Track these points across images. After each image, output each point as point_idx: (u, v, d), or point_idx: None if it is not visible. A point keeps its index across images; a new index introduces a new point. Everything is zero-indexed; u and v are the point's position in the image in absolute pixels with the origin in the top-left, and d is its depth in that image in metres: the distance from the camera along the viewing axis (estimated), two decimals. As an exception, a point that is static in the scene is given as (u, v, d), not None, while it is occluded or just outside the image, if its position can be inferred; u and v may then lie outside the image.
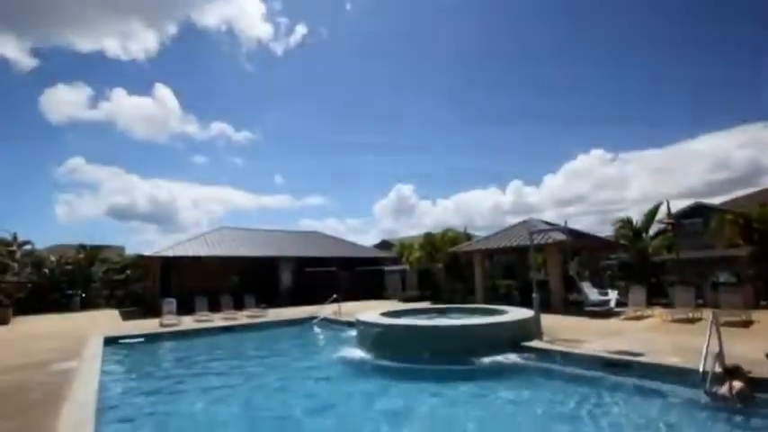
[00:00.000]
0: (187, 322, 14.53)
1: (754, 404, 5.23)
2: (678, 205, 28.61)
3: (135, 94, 56.56)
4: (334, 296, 16.06)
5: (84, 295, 26.52)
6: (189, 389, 7.55)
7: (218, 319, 15.30)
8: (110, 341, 11.24)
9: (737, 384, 5.39)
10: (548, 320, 10.68)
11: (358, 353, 9.41)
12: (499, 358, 8.07)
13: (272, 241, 26.40)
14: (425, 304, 17.96)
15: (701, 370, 5.75)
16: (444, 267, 22.38)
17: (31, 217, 53.73)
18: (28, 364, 8.27)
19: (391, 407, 6.49)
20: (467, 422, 5.61)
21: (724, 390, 5.47)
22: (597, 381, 6.77)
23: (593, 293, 14.84)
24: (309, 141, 64.48)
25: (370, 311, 11.37)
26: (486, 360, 7.99)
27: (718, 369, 5.78)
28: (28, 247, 27.12)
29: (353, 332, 10.85)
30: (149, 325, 14.08)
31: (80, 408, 5.27)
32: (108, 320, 16.91)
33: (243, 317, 15.94)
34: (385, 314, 10.87)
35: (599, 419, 5.45)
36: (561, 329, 10.25)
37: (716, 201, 30.38)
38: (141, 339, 12.12)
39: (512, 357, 8.16)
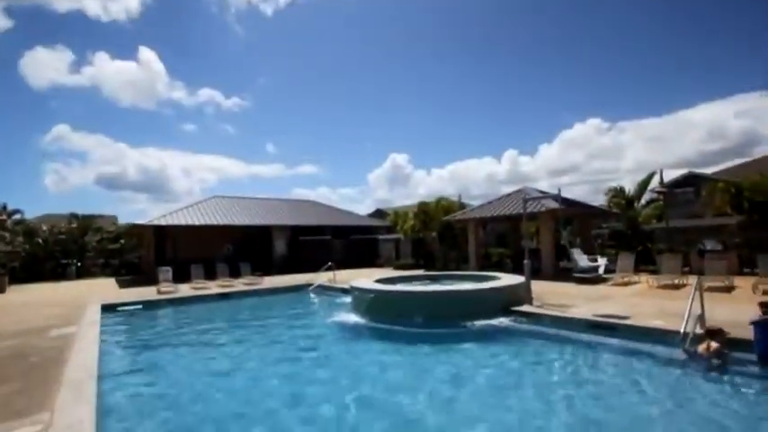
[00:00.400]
0: (184, 290, 14.71)
1: (728, 363, 5.50)
2: (671, 175, 28.82)
3: (118, 58, 54.31)
4: (329, 264, 16.26)
5: (79, 264, 26.59)
6: (189, 352, 7.76)
7: (214, 287, 15.50)
8: (108, 308, 11.39)
9: (714, 344, 5.65)
10: (538, 286, 10.95)
11: (353, 317, 9.68)
12: (490, 322, 8.34)
13: (266, 210, 26.32)
14: (419, 272, 18.27)
15: (682, 331, 6.00)
16: (438, 236, 22.60)
17: (19, 187, 52.95)
18: (27, 330, 8.39)
19: (384, 363, 6.83)
20: (456, 377, 5.88)
21: (701, 349, 5.73)
22: (583, 342, 7.06)
23: (582, 260, 15.17)
24: (301, 108, 63.04)
25: (365, 278, 11.57)
26: (478, 323, 8.27)
27: (699, 331, 6.04)
28: (18, 216, 26.84)
29: (348, 298, 11.07)
30: (147, 292, 14.23)
31: (82, 369, 5.40)
32: (105, 289, 17.04)
33: (239, 284, 16.15)
34: (379, 280, 11.08)
35: (583, 374, 5.77)
36: (551, 295, 10.54)
37: (709, 171, 30.59)
38: (140, 306, 12.27)
39: (503, 321, 8.44)
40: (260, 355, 7.78)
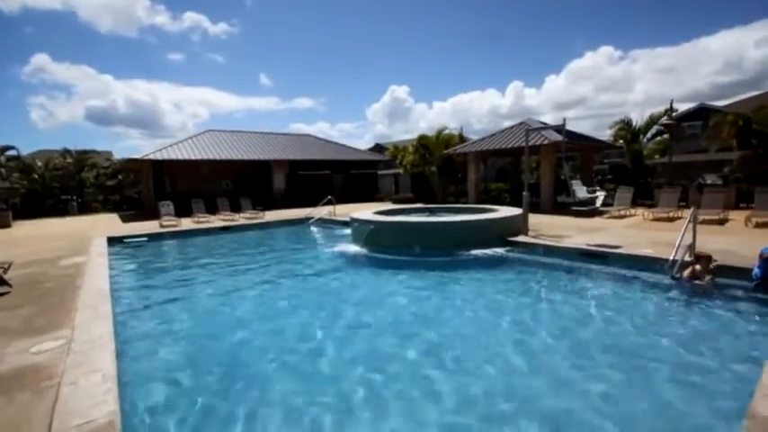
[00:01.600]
0: (186, 223, 14.94)
1: (713, 287, 5.77)
2: (682, 109, 27.84)
3: (90, -24, 49.13)
4: (329, 198, 16.37)
5: (80, 200, 26.74)
6: (198, 278, 8.08)
7: (216, 221, 15.75)
8: (114, 241, 11.65)
9: (699, 269, 5.90)
10: (535, 219, 11.13)
11: (353, 248, 9.97)
12: (486, 251, 8.61)
13: (264, 144, 25.80)
14: (418, 206, 18.44)
15: (671, 258, 6.22)
16: (438, 170, 22.45)
17: (6, 123, 51.15)
18: (38, 261, 8.66)
19: (383, 285, 7.24)
20: (450, 299, 6.23)
21: (687, 274, 5.99)
22: (575, 269, 7.35)
23: (581, 191, 15.25)
24: (294, 36, 58.75)
25: (365, 210, 11.71)
26: (474, 252, 8.55)
27: (688, 258, 6.25)
28: (12, 152, 26.36)
29: (348, 231, 11.30)
30: (149, 226, 14.47)
31: (96, 293, 5.67)
32: (108, 223, 17.30)
33: (241, 218, 16.39)
34: (378, 212, 11.22)
35: (570, 299, 6.08)
36: (547, 226, 10.76)
37: (720, 104, 29.48)
38: (145, 239, 12.55)
39: (498, 251, 8.70)
40: (261, 276, 8.14)
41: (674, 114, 19.38)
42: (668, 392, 3.43)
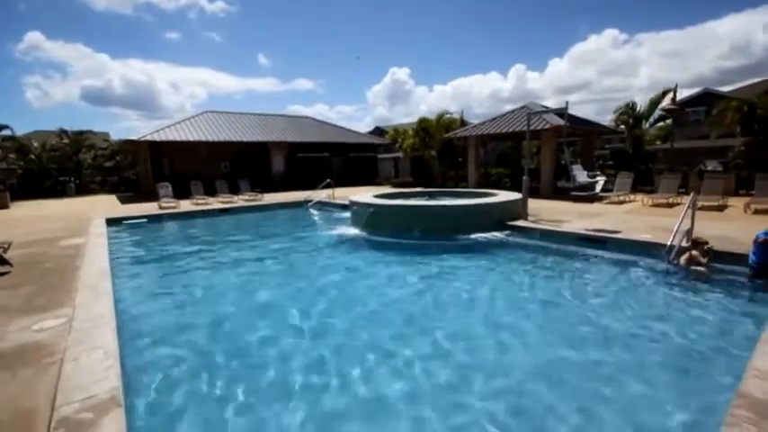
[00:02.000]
0: (185, 205, 14.92)
1: (709, 272, 5.82)
2: (685, 95, 27.49)
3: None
4: (328, 180, 16.32)
5: (78, 182, 26.59)
6: (197, 259, 8.11)
7: (215, 203, 15.72)
8: (113, 222, 11.65)
9: (696, 254, 5.93)
10: (535, 204, 11.13)
11: (352, 230, 10.00)
12: (485, 235, 8.63)
13: (263, 126, 25.53)
14: (417, 190, 18.40)
15: (668, 243, 6.25)
16: (438, 154, 22.31)
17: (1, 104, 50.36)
18: (37, 241, 8.67)
19: (382, 267, 7.31)
20: (449, 281, 6.27)
21: (683, 259, 6.03)
22: (573, 254, 7.39)
23: (582, 175, 15.20)
24: (293, 15, 57.38)
25: (364, 194, 11.69)
26: (473, 236, 8.58)
27: (685, 244, 6.28)
28: (7, 132, 26.04)
29: (347, 214, 11.30)
30: (148, 208, 14.44)
31: (96, 273, 5.70)
32: (107, 205, 17.26)
33: (239, 200, 16.37)
34: (378, 196, 11.21)
35: (566, 282, 6.14)
36: (546, 211, 10.76)
37: (726, 89, 29.12)
38: (144, 220, 12.56)
39: (496, 235, 8.73)
40: (261, 257, 8.19)
41: (677, 100, 19.14)
42: (660, 374, 3.50)
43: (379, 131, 40.75)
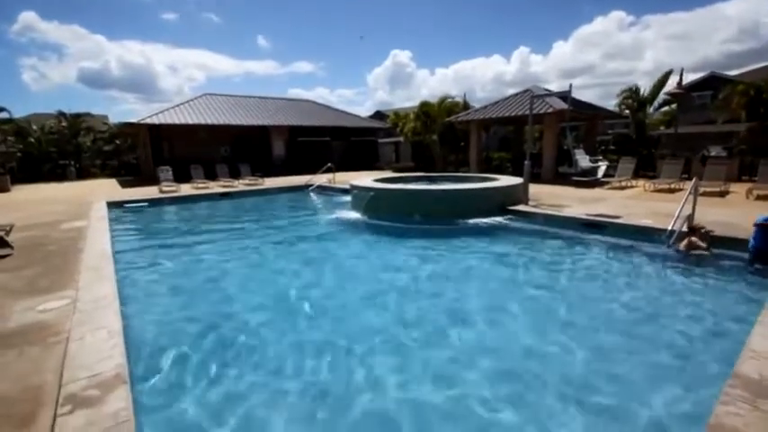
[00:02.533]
0: (186, 189, 14.91)
1: (708, 257, 5.84)
2: (691, 78, 27.07)
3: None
4: (329, 165, 16.25)
5: (78, 165, 26.50)
6: (198, 241, 8.16)
7: (216, 187, 15.70)
8: (114, 205, 11.65)
9: (695, 239, 5.94)
10: (536, 189, 11.10)
11: (353, 214, 10.01)
12: (485, 219, 8.64)
13: (263, 109, 25.25)
14: (418, 174, 18.33)
15: (669, 229, 6.25)
16: (439, 138, 22.12)
17: (-3, 83, 49.70)
18: (39, 224, 8.69)
19: (382, 250, 7.37)
20: (449, 265, 6.31)
21: (684, 244, 6.04)
22: (574, 238, 7.41)
23: (584, 160, 15.11)
24: (294, -7, 56.02)
25: (365, 178, 11.65)
26: (474, 221, 8.58)
27: (686, 229, 6.28)
28: (5, 114, 25.80)
29: (348, 198, 11.29)
30: (149, 191, 14.43)
31: (98, 255, 5.73)
32: (107, 188, 17.25)
33: (240, 185, 16.33)
34: (379, 180, 11.19)
35: (565, 265, 6.18)
36: (547, 196, 10.74)
37: (732, 73, 28.61)
38: (145, 204, 12.56)
39: (497, 219, 8.73)
40: (261, 239, 8.24)
41: (683, 84, 18.85)
42: (657, 355, 3.55)
43: (379, 116, 40.33)
